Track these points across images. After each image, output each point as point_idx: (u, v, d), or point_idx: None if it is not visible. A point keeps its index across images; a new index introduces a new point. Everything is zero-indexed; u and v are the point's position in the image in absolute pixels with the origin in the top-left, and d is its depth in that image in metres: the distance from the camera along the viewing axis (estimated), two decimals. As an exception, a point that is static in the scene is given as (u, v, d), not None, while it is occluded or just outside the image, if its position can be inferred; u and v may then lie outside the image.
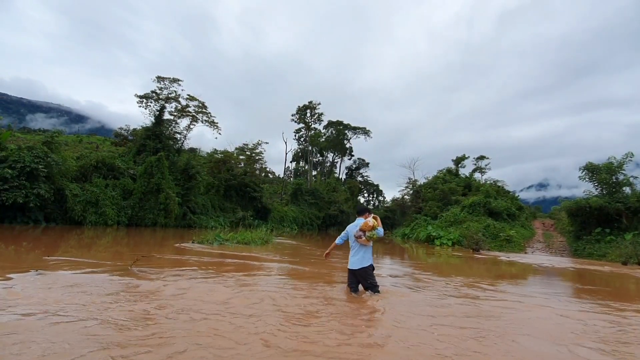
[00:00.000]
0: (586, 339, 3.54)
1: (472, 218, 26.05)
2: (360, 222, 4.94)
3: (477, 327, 3.73)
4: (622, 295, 7.18)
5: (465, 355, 2.84)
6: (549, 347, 3.19)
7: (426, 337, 3.29)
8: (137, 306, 3.73)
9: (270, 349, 2.72)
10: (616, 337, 3.73)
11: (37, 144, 18.23)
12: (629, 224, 17.07)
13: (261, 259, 9.37)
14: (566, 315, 4.62)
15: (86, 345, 2.54)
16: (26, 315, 3.20)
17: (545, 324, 4.09)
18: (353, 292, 4.94)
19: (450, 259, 14.20)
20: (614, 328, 4.11)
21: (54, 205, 18.09)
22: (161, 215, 22.53)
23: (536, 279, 9.41)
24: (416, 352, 2.87)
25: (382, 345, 2.98)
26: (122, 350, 2.50)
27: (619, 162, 18.74)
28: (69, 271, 5.65)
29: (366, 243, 4.85)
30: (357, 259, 4.87)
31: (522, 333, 3.60)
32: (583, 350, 3.18)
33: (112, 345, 2.58)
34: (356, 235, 4.85)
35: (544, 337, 3.52)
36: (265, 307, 4.05)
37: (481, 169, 43.81)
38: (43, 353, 2.39)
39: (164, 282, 5.10)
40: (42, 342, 2.56)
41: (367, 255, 4.89)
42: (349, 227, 5.12)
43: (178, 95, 30.13)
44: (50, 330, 2.84)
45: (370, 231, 4.77)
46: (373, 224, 4.78)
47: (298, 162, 64.07)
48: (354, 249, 4.96)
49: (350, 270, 4.97)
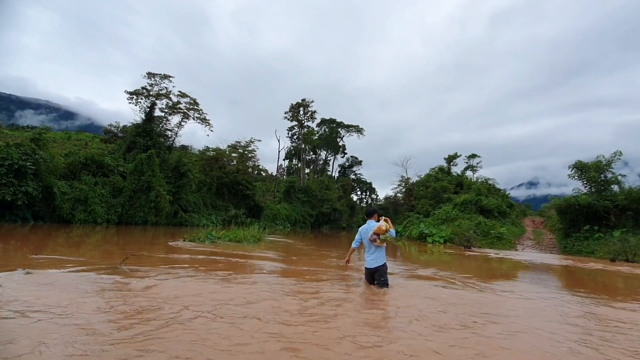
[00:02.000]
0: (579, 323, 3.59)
1: (464, 216, 26.26)
2: (372, 225, 5.37)
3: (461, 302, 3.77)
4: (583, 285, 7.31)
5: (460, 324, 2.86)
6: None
7: (430, 310, 3.72)
8: (125, 305, 3.66)
9: (268, 343, 2.68)
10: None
11: (25, 141, 17.87)
12: (617, 221, 17.37)
13: (253, 257, 9.32)
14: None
15: (71, 345, 2.48)
16: (11, 315, 3.11)
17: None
18: (371, 285, 5.44)
19: (442, 256, 14.30)
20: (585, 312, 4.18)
21: (42, 203, 17.76)
22: (152, 214, 22.27)
23: (526, 274, 9.53)
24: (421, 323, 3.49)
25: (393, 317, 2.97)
26: (110, 351, 2.44)
27: (608, 160, 19.03)
28: (57, 270, 5.53)
29: (381, 244, 5.29)
30: (372, 259, 5.32)
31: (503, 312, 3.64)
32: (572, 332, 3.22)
33: (96, 346, 2.51)
34: (371, 239, 5.27)
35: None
36: (260, 305, 4.00)
37: (473, 167, 44.23)
38: (31, 351, 2.32)
39: (154, 281, 5.02)
40: (27, 342, 2.49)
41: (381, 255, 5.33)
42: (361, 230, 5.55)
43: (169, 92, 29.79)
44: (35, 330, 2.76)
45: (384, 234, 5.21)
46: (386, 227, 5.19)
47: (291, 160, 63.89)
48: (369, 250, 5.38)
49: (367, 268, 5.44)
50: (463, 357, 2.74)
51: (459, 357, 2.75)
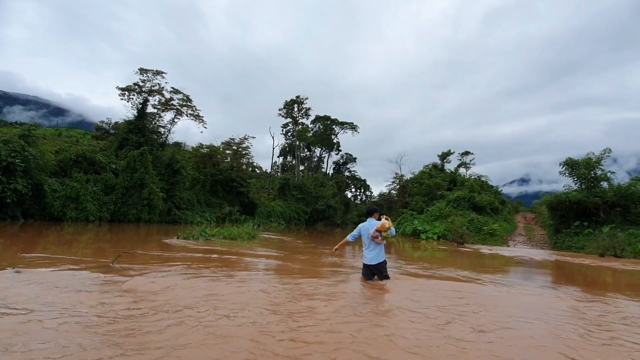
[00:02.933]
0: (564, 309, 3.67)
1: (457, 212, 26.50)
2: (373, 223, 5.47)
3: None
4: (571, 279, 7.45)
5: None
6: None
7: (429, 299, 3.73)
8: (118, 304, 3.64)
9: (262, 342, 2.69)
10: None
11: (14, 138, 17.56)
12: (606, 217, 17.67)
13: (248, 255, 9.31)
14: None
15: (63, 343, 2.46)
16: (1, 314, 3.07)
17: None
18: (369, 280, 5.57)
19: (436, 252, 14.43)
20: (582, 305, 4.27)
21: (32, 200, 17.52)
22: (145, 211, 22.09)
23: (517, 269, 9.66)
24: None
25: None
26: (102, 350, 2.43)
27: (598, 157, 19.31)
28: (48, 268, 5.47)
29: (381, 242, 5.44)
30: (373, 256, 5.45)
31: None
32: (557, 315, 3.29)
33: (89, 343, 2.50)
34: (373, 235, 5.38)
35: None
36: (256, 302, 4.01)
37: (466, 164, 44.59)
38: (22, 349, 2.29)
39: (147, 279, 4.99)
40: (18, 342, 2.46)
41: (381, 252, 5.49)
42: (361, 226, 5.62)
43: (162, 88, 29.47)
44: (24, 329, 2.73)
45: (386, 231, 5.41)
46: (389, 225, 5.35)
47: (285, 157, 63.81)
48: (369, 247, 5.48)
49: (367, 265, 5.54)
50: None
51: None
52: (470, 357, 2.64)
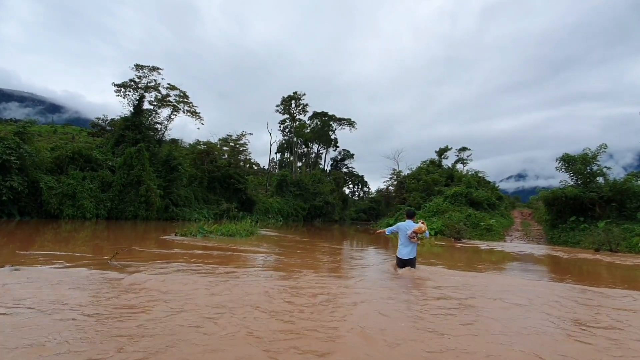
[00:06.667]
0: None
1: (454, 208, 26.60)
2: (411, 225, 6.36)
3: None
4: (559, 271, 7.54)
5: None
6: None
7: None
8: (116, 300, 3.65)
9: (259, 338, 2.71)
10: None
11: (9, 135, 17.42)
12: (601, 212, 17.81)
13: (246, 251, 9.32)
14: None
15: (60, 339, 2.47)
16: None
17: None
18: (400, 269, 6.44)
19: (433, 248, 14.49)
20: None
21: (29, 198, 17.42)
22: (142, 208, 22.02)
23: (515, 264, 9.75)
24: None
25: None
26: (101, 345, 2.44)
27: (594, 153, 19.44)
28: (46, 266, 5.47)
29: (416, 241, 6.36)
30: (407, 251, 6.38)
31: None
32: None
33: (85, 338, 2.51)
34: (411, 236, 6.28)
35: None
36: (254, 298, 4.03)
37: (463, 160, 44.71)
38: (17, 345, 2.30)
39: (145, 276, 5.00)
40: (15, 339, 2.47)
41: (414, 250, 6.43)
42: (400, 224, 6.50)
43: (158, 84, 29.26)
44: (24, 325, 2.74)
45: (422, 234, 6.32)
46: (425, 229, 6.25)
47: (283, 154, 63.59)
48: (404, 244, 6.39)
49: (401, 259, 6.43)
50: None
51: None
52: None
